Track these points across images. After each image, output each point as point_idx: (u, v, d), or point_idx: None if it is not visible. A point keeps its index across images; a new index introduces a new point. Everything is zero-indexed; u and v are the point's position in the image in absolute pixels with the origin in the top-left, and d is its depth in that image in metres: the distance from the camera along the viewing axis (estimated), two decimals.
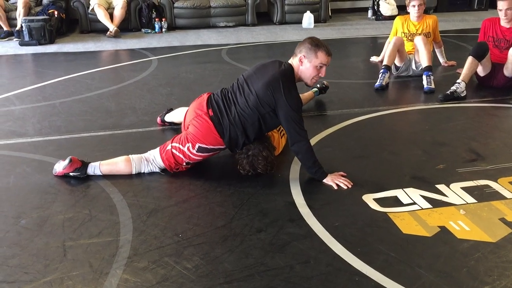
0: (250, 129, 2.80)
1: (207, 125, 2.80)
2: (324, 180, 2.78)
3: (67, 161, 2.86)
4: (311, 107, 4.02)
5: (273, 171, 2.90)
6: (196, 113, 2.87)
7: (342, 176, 2.81)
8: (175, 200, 2.66)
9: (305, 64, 2.80)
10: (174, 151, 2.85)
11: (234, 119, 2.78)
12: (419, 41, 4.65)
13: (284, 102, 2.69)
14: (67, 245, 2.27)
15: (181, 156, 2.85)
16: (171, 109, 3.67)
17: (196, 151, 2.83)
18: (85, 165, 2.89)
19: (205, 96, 2.96)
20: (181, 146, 2.84)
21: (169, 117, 3.63)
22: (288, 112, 2.70)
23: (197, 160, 2.89)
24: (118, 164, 2.90)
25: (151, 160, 2.91)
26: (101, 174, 2.89)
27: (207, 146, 2.83)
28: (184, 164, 2.88)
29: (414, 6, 4.81)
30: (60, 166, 2.89)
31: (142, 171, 2.92)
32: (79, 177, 2.86)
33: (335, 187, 2.73)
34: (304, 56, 2.79)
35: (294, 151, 2.80)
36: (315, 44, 2.80)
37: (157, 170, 2.92)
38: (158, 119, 3.72)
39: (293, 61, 2.85)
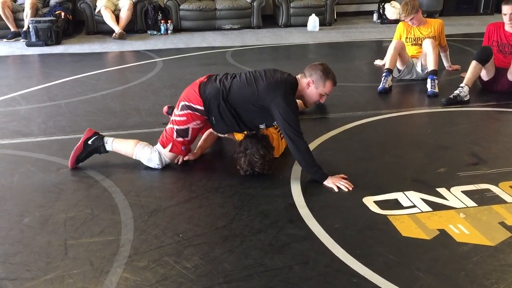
0: (226, 110, 2.87)
1: (193, 84, 3.01)
2: (325, 182, 2.79)
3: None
4: (314, 110, 4.03)
5: (271, 171, 2.92)
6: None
7: (343, 178, 2.82)
8: (177, 200, 2.68)
9: (311, 89, 2.91)
10: (167, 126, 3.03)
11: (218, 91, 2.87)
12: (428, 44, 4.65)
13: (283, 103, 2.75)
14: (69, 243, 2.30)
15: (171, 125, 2.99)
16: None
17: (180, 110, 2.94)
18: (99, 135, 3.06)
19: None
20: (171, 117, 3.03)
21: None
22: (286, 112, 2.75)
23: (182, 127, 2.95)
24: (125, 144, 3.06)
25: (155, 149, 3.01)
26: (110, 150, 3.07)
27: (186, 103, 2.93)
28: (175, 136, 2.97)
29: (410, 20, 4.81)
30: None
31: (141, 159, 3.01)
32: (95, 151, 3.04)
33: (336, 189, 2.74)
34: (313, 81, 2.89)
35: (293, 150, 2.82)
36: (327, 73, 2.90)
37: (157, 161, 2.98)
38: (165, 108, 3.85)
39: (301, 79, 2.93)
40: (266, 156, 2.87)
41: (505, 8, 4.29)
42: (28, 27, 6.75)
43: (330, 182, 2.79)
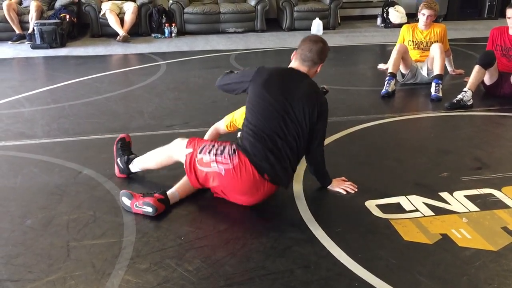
0: None
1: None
2: (330, 187, 2.79)
3: (150, 209, 2.52)
4: None
5: None
6: None
7: (344, 181, 2.82)
8: (179, 203, 2.68)
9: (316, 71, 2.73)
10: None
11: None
12: (436, 48, 4.66)
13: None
14: (71, 245, 2.30)
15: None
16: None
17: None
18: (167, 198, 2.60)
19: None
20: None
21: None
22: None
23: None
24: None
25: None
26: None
27: None
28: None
29: (424, 15, 4.82)
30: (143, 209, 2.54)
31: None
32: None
33: (344, 193, 2.74)
34: (322, 64, 2.71)
35: (315, 156, 2.69)
36: (328, 47, 2.72)
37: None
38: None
39: (307, 69, 2.67)
40: None
41: (510, 12, 4.28)
42: (33, 30, 6.78)
43: (335, 186, 2.78)
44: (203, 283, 2.04)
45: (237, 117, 3.07)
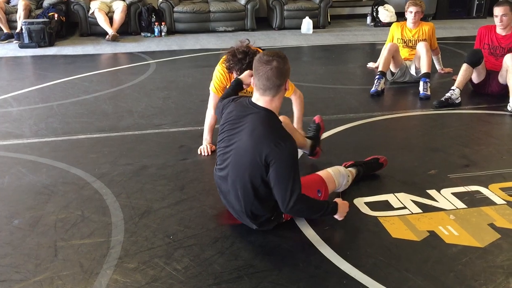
0: None
1: None
2: (338, 216, 2.40)
3: None
4: (306, 112, 4.03)
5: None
6: None
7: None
8: (168, 202, 2.67)
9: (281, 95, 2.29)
10: None
11: None
12: (422, 47, 4.68)
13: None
14: (59, 245, 2.29)
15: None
16: None
17: None
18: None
19: None
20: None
21: None
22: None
23: None
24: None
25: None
26: None
27: None
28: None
29: (411, 12, 4.85)
30: None
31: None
32: None
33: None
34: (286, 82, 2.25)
35: (301, 208, 2.24)
36: (286, 59, 2.25)
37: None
38: None
39: (269, 98, 2.24)
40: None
41: (497, 10, 4.32)
42: (21, 29, 6.73)
43: (343, 214, 2.42)
44: (192, 282, 2.04)
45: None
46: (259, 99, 2.26)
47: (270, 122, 2.22)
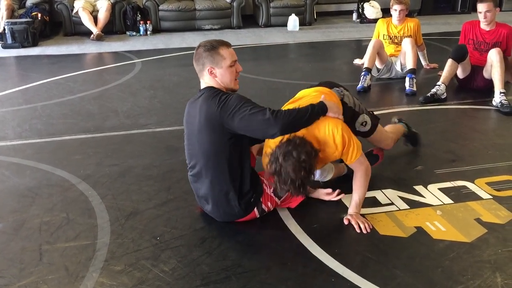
0: None
1: None
2: (332, 114, 2.37)
3: None
4: None
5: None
6: None
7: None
8: (154, 203, 2.65)
9: (218, 73, 2.36)
10: None
11: None
12: (407, 43, 4.70)
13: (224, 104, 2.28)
14: (44, 248, 2.26)
15: None
16: None
17: None
18: None
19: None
20: None
21: None
22: (233, 105, 2.27)
23: None
24: None
25: None
26: None
27: None
28: None
29: (396, 10, 4.87)
30: None
31: None
32: None
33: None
34: (211, 66, 2.34)
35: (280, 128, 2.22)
36: (211, 46, 2.36)
37: None
38: None
39: (206, 80, 2.39)
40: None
41: (480, 7, 4.34)
42: (4, 29, 6.62)
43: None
44: (179, 283, 2.02)
45: None
46: (201, 83, 2.45)
47: (210, 93, 2.34)
